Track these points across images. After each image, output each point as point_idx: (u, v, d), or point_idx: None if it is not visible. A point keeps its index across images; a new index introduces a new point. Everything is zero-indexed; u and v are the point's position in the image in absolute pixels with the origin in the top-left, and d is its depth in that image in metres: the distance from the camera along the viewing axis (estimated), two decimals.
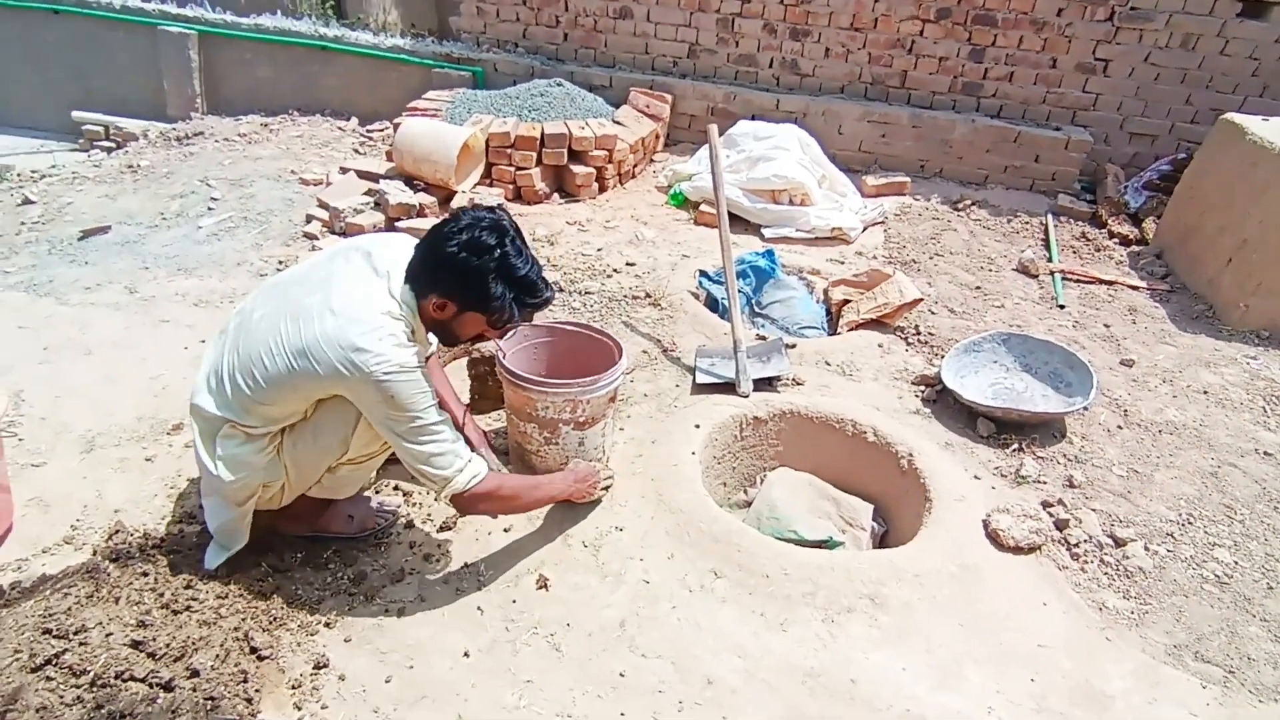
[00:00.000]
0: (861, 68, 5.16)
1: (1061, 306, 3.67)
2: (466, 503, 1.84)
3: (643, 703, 1.72)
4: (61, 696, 1.50)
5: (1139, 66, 4.79)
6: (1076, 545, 2.25)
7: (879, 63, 5.11)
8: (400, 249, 1.83)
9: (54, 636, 1.61)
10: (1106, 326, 3.52)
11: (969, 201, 4.75)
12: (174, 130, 5.37)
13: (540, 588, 1.97)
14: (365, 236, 1.95)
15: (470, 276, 1.70)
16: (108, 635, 1.62)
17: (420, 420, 1.71)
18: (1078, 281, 3.93)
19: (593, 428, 2.28)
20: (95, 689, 1.52)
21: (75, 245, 3.77)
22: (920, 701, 1.76)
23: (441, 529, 2.15)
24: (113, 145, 5.51)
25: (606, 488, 2.25)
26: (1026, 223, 4.56)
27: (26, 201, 4.33)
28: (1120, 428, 2.80)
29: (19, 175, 4.90)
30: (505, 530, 2.15)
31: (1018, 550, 2.21)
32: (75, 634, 1.61)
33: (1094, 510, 2.38)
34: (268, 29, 5.69)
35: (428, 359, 2.19)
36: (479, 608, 1.92)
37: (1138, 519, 2.37)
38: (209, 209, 4.18)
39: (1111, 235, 4.41)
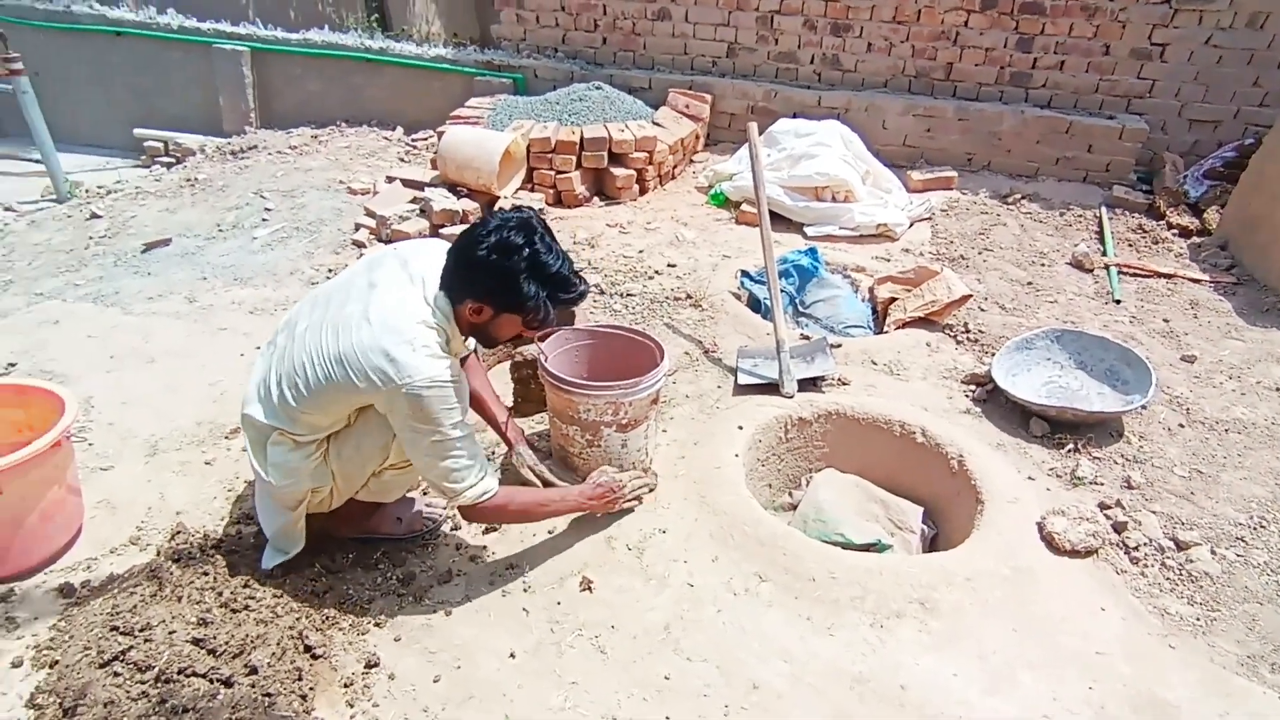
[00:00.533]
0: (905, 61, 5.06)
1: (1118, 301, 3.54)
2: (472, 514, 1.89)
3: (688, 706, 1.71)
4: (128, 691, 1.56)
5: (1199, 50, 4.60)
6: (1136, 548, 2.16)
7: (923, 55, 5.01)
8: (435, 255, 1.85)
9: (121, 633, 1.68)
10: (1166, 321, 3.38)
11: (1019, 195, 4.62)
12: (229, 144, 5.57)
13: (584, 590, 1.98)
14: (402, 243, 1.99)
15: (502, 278, 1.70)
16: (171, 633, 1.68)
17: (443, 435, 1.73)
18: (1134, 275, 3.79)
19: (635, 430, 2.28)
20: (159, 684, 1.58)
21: (139, 257, 3.93)
22: (972, 708, 1.72)
23: (486, 531, 2.18)
24: (172, 160, 5.74)
25: (637, 497, 2.22)
26: (1080, 216, 4.41)
27: (94, 216, 4.54)
28: (1182, 426, 2.68)
29: (87, 191, 5.14)
30: (550, 532, 2.16)
31: (1074, 553, 2.14)
32: (140, 631, 1.68)
33: (1154, 512, 2.29)
34: (316, 43, 5.86)
35: (465, 359, 2.23)
36: (524, 609, 1.94)
37: (1203, 521, 2.27)
38: (263, 220, 4.31)
39: (1170, 227, 4.24)
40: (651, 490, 2.29)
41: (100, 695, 1.55)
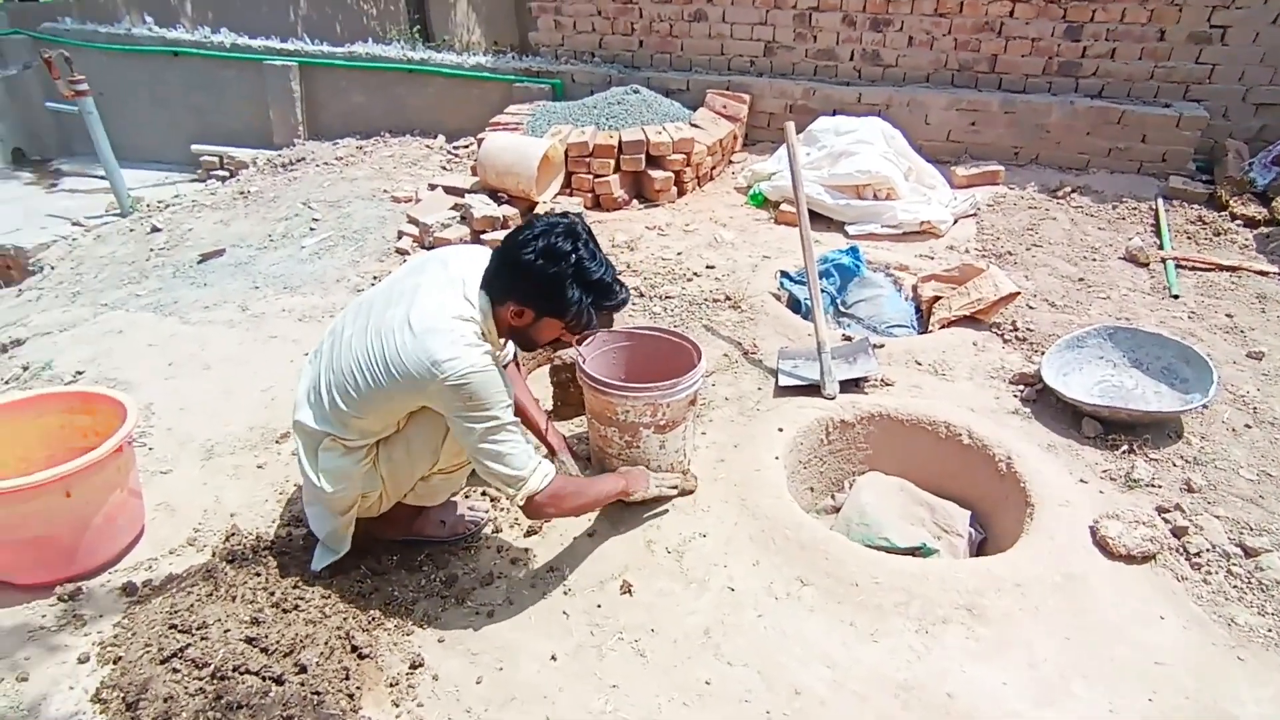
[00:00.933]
0: (947, 54, 4.96)
1: (1175, 296, 3.40)
2: (537, 507, 1.86)
3: (729, 711, 1.70)
4: (186, 687, 1.62)
5: (1265, 30, 4.39)
6: (1198, 555, 2.07)
7: (966, 48, 4.90)
8: (474, 257, 1.90)
9: (179, 631, 1.75)
10: (1229, 317, 3.23)
11: (1069, 188, 4.48)
12: (279, 157, 5.74)
13: (624, 593, 1.99)
14: (444, 248, 2.03)
15: (547, 283, 1.73)
16: (225, 631, 1.74)
17: (496, 420, 1.74)
18: (1194, 269, 3.64)
19: (673, 431, 2.28)
20: (215, 681, 1.64)
21: (195, 268, 4.08)
22: (1023, 718, 1.67)
23: (528, 534, 2.20)
24: (226, 174, 5.95)
25: (675, 485, 2.23)
26: (1134, 208, 4.25)
27: (154, 230, 4.74)
28: (1249, 427, 2.56)
29: (148, 206, 5.37)
30: (590, 535, 2.18)
31: (1129, 559, 2.06)
32: (197, 629, 1.75)
33: (1218, 517, 2.19)
34: (360, 56, 6.01)
35: (505, 366, 2.25)
36: (564, 612, 1.95)
37: (1273, 526, 2.16)
38: (311, 229, 4.44)
39: (1234, 217, 4.06)
40: (690, 493, 2.29)
41: (160, 691, 1.61)
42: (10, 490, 1.83)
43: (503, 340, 1.92)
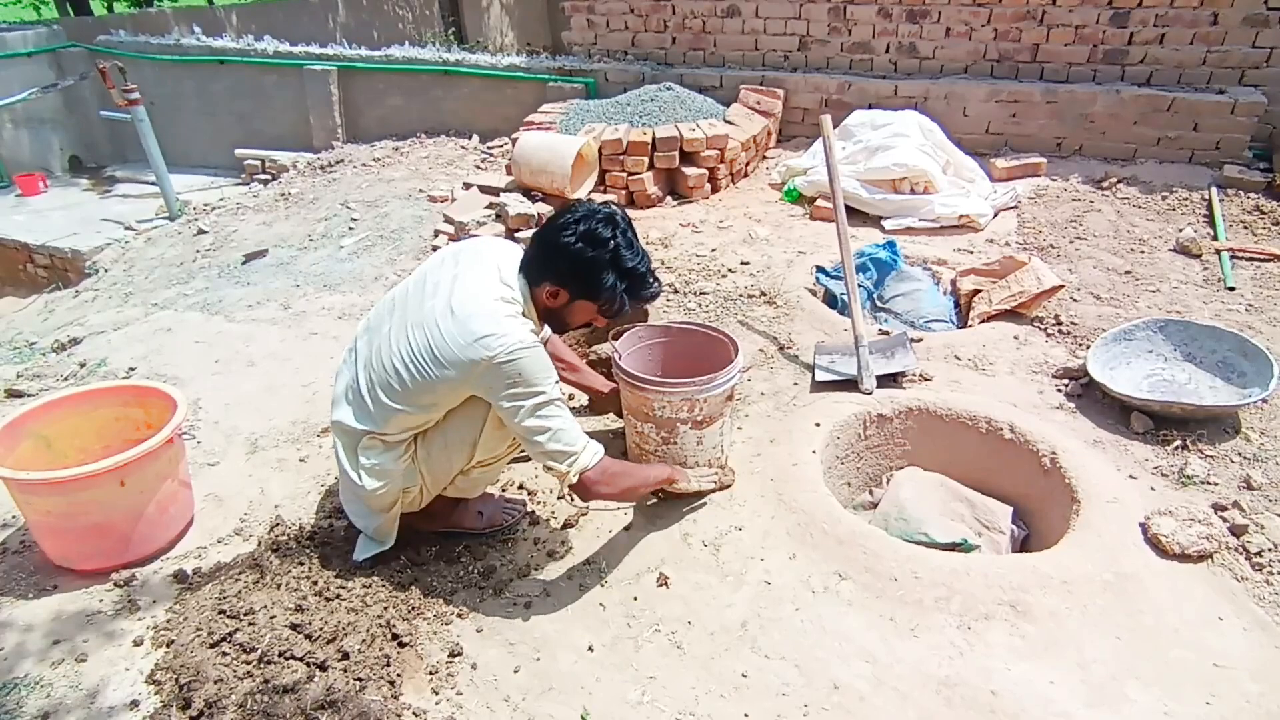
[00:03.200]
0: (986, 45, 4.86)
1: (1231, 289, 3.28)
2: (588, 484, 1.84)
3: (767, 705, 1.69)
4: (234, 670, 1.67)
5: None
6: (1259, 554, 1.99)
7: (1006, 37, 4.80)
8: (505, 246, 1.95)
9: (228, 617, 1.79)
10: None
11: (1115, 179, 4.35)
12: (319, 159, 5.87)
13: (661, 586, 1.99)
14: (471, 240, 2.06)
15: (585, 266, 1.77)
16: (271, 617, 1.78)
17: (545, 395, 1.75)
18: (1251, 260, 3.51)
19: (710, 427, 2.27)
20: (262, 665, 1.68)
21: (239, 268, 4.20)
22: (1073, 718, 1.62)
23: (564, 526, 2.21)
24: (268, 177, 6.10)
25: (715, 479, 2.23)
26: (1185, 198, 4.12)
27: (201, 232, 4.88)
28: None
29: (195, 209, 5.53)
30: (626, 529, 2.18)
31: (1184, 558, 1.99)
32: (245, 615, 1.79)
33: None
34: (397, 59, 6.11)
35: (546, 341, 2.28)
36: (601, 604, 1.96)
37: None
38: (349, 229, 4.53)
39: None
40: (727, 488, 2.27)
41: (211, 674, 1.66)
42: (69, 479, 1.91)
43: (540, 324, 1.94)
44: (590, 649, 1.83)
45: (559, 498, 2.32)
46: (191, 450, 2.57)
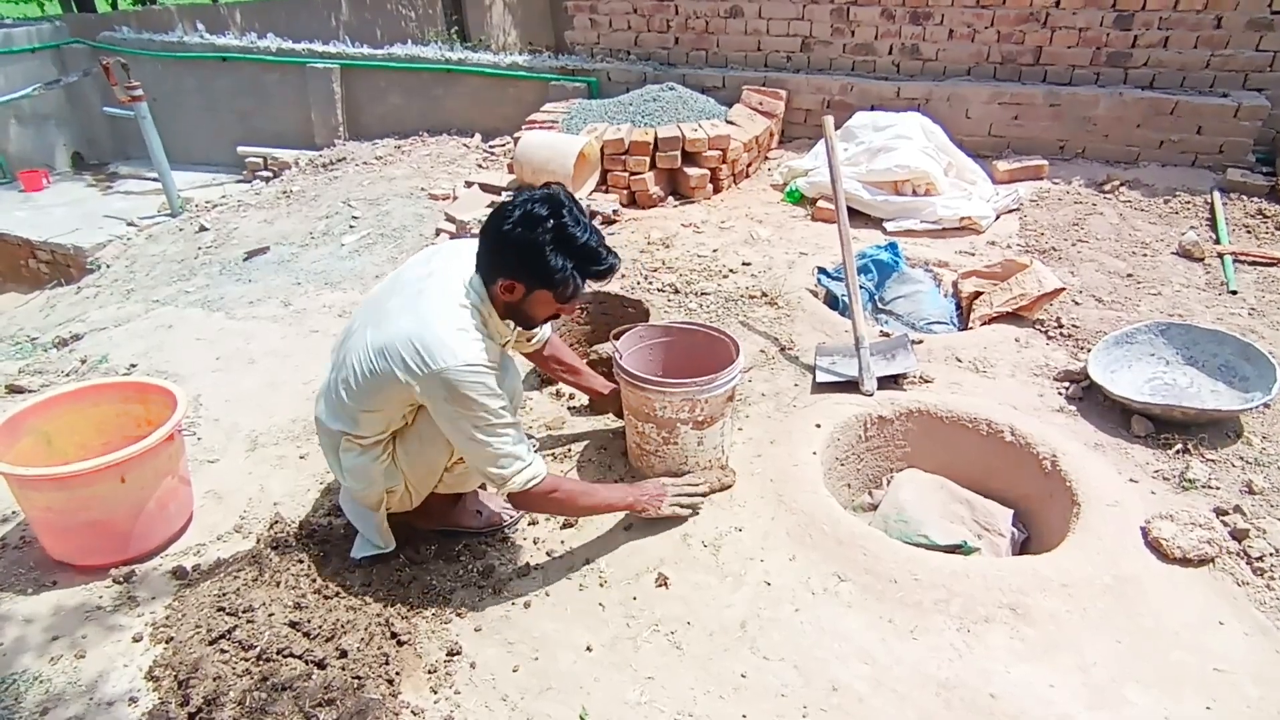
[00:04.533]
0: (989, 47, 4.85)
1: (1234, 292, 3.27)
2: (522, 500, 1.88)
3: (766, 706, 1.68)
4: (233, 667, 1.67)
5: None
6: (1260, 559, 1.99)
7: (1009, 40, 4.79)
8: (471, 246, 1.88)
9: (227, 614, 1.80)
10: None
11: (1117, 182, 4.35)
12: (320, 157, 5.87)
13: (660, 586, 1.98)
14: (443, 242, 2.04)
15: (527, 251, 1.70)
16: (270, 615, 1.78)
17: (485, 420, 1.73)
18: (1254, 264, 3.50)
19: (711, 427, 2.26)
20: (261, 662, 1.68)
21: (240, 265, 4.20)
22: None
23: (564, 526, 2.21)
24: (270, 175, 6.10)
25: (692, 507, 2.17)
26: (1188, 202, 4.11)
27: (202, 229, 4.88)
28: None
29: (196, 206, 5.54)
30: (626, 529, 2.18)
31: (1185, 562, 1.99)
32: (244, 613, 1.79)
33: None
34: (399, 57, 6.11)
35: (547, 342, 2.26)
36: (600, 604, 1.95)
37: None
38: (350, 227, 4.53)
39: None
40: (728, 488, 2.27)
41: (210, 670, 1.66)
42: (69, 475, 1.91)
43: (509, 323, 1.89)
44: (589, 649, 1.83)
45: (496, 493, 2.28)
46: (192, 447, 2.57)
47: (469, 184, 4.60)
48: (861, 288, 3.23)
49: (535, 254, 1.70)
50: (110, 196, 6.26)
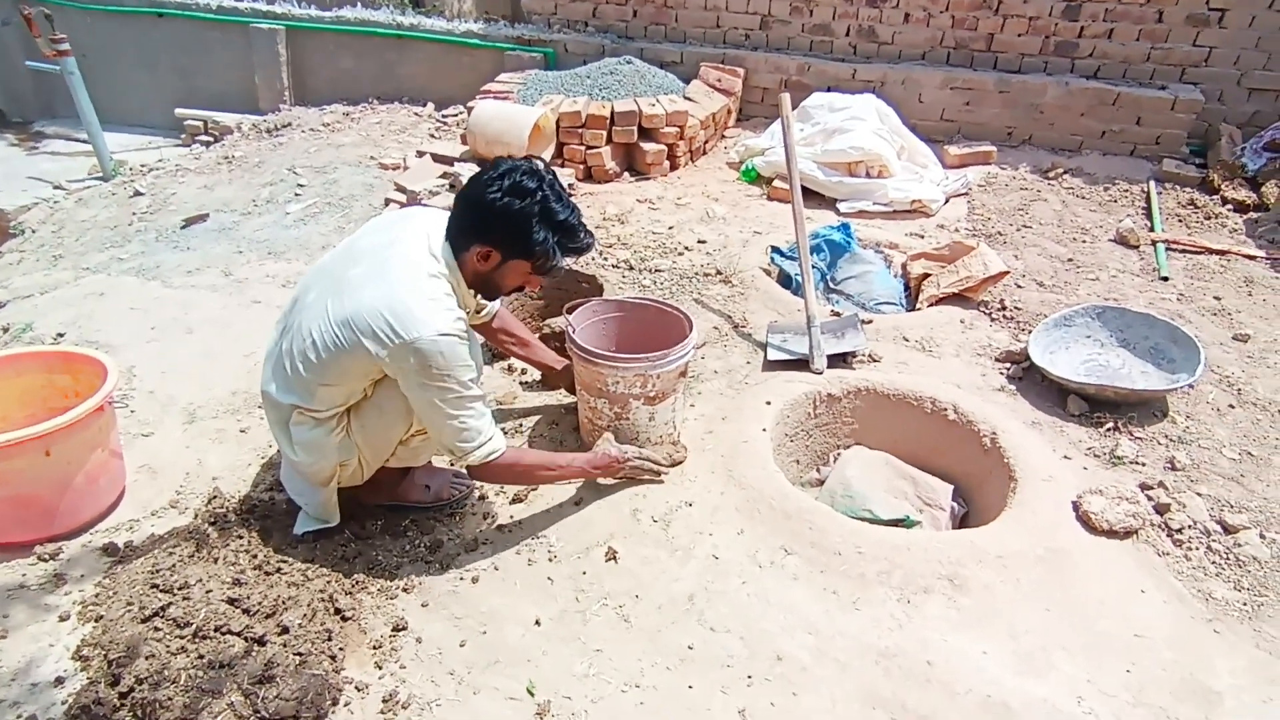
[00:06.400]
0: (943, 32, 4.91)
1: (1165, 279, 3.41)
2: (480, 473, 1.89)
3: (711, 676, 1.71)
4: (168, 646, 1.61)
5: (1262, 14, 4.38)
6: (1179, 530, 2.09)
7: (962, 25, 4.86)
8: (435, 214, 1.88)
9: (161, 591, 1.74)
10: (1217, 299, 3.26)
11: (1061, 169, 4.48)
12: (265, 122, 5.64)
13: (609, 560, 1.99)
14: (405, 209, 2.00)
15: (513, 221, 1.70)
16: (208, 591, 1.73)
17: (455, 392, 1.72)
18: (1184, 252, 3.65)
19: (663, 403, 2.27)
20: (197, 640, 1.63)
21: (178, 233, 4.02)
22: (1002, 687, 1.69)
23: (514, 501, 2.19)
24: (211, 139, 5.83)
25: (650, 471, 2.19)
26: (1126, 190, 4.26)
27: (137, 194, 4.65)
28: (1232, 407, 2.59)
29: (131, 170, 5.27)
30: (576, 504, 2.17)
31: (1112, 534, 2.08)
32: (179, 589, 1.73)
33: (1200, 494, 2.22)
34: (349, 20, 5.88)
35: (495, 314, 2.24)
36: (549, 578, 1.95)
37: (1252, 504, 2.19)
38: (296, 195, 4.37)
39: (1225, 201, 4.07)
40: (679, 464, 2.28)
41: (142, 650, 1.60)
42: None
43: (473, 292, 1.89)
44: (537, 622, 1.83)
45: (451, 464, 2.27)
46: (125, 420, 2.47)
47: (420, 154, 4.48)
48: (814, 267, 3.27)
49: (521, 224, 1.71)
50: (35, 157, 5.91)
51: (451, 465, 2.18)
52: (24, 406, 2.15)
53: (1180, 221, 3.95)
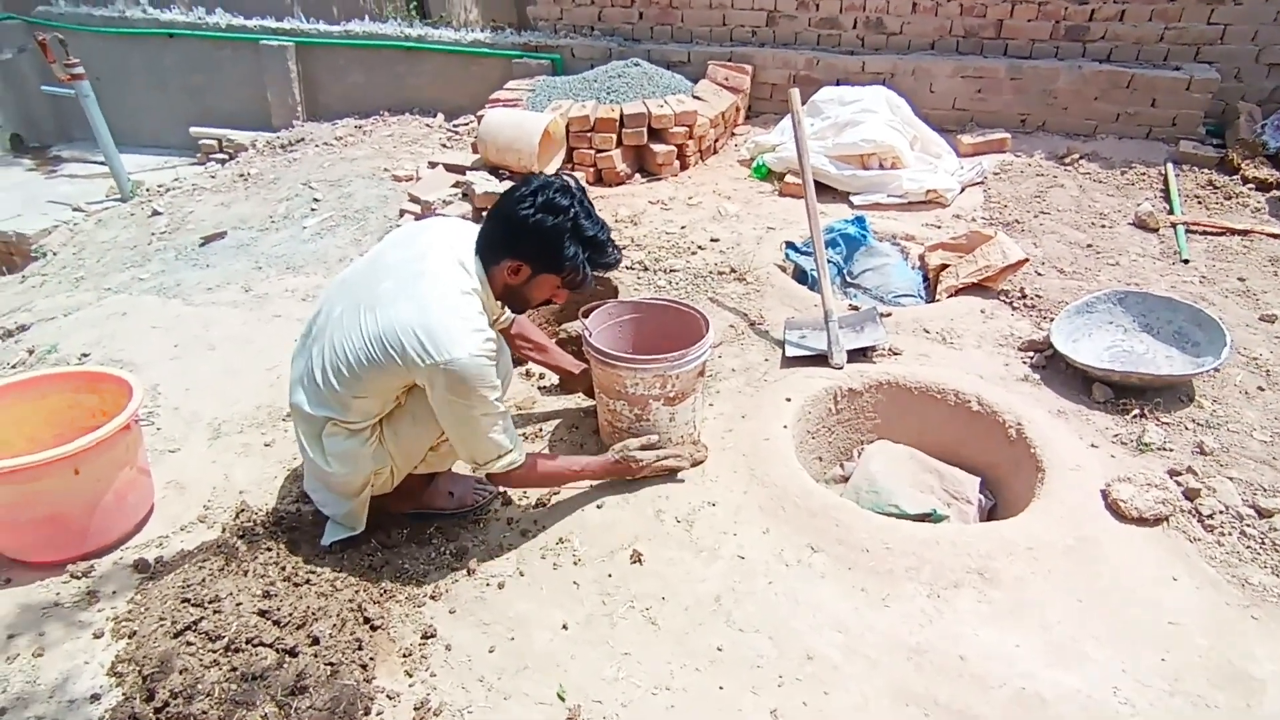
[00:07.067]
0: (952, 20, 4.87)
1: (1186, 261, 3.36)
2: (501, 480, 1.96)
3: (742, 677, 1.70)
4: (200, 659, 1.63)
5: None
6: (1211, 516, 2.06)
7: (972, 13, 4.81)
8: (461, 226, 1.92)
9: (192, 605, 1.75)
10: (1241, 280, 3.20)
11: (1077, 155, 4.42)
12: (278, 138, 5.70)
13: (634, 562, 1.99)
14: (426, 220, 2.03)
15: (546, 237, 1.75)
16: (238, 604, 1.75)
17: (484, 409, 1.77)
18: (1204, 233, 3.59)
19: (683, 403, 2.26)
20: (229, 653, 1.64)
21: (197, 250, 4.07)
22: (1036, 679, 1.67)
23: (537, 505, 2.20)
24: (226, 157, 5.91)
25: (669, 469, 2.20)
26: (1143, 174, 4.20)
27: (155, 214, 4.72)
28: (1261, 389, 2.54)
29: (148, 190, 5.35)
30: (598, 507, 2.17)
31: (1141, 521, 2.05)
32: (210, 603, 1.75)
33: (1231, 479, 2.18)
34: (357, 34, 5.93)
35: (511, 322, 2.26)
36: (575, 582, 1.95)
37: None
38: (312, 210, 4.41)
39: (1245, 181, 4.00)
40: (700, 463, 2.27)
41: (176, 664, 1.62)
42: (18, 469, 1.84)
43: (500, 304, 1.93)
44: (565, 627, 1.83)
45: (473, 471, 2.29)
46: (151, 437, 2.50)
47: (433, 164, 4.51)
48: (830, 262, 3.25)
49: (552, 240, 1.75)
50: (54, 180, 6.01)
51: (474, 473, 2.19)
52: (52, 427, 2.18)
53: (1200, 203, 3.88)
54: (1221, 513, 2.07)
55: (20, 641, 1.80)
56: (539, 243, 1.76)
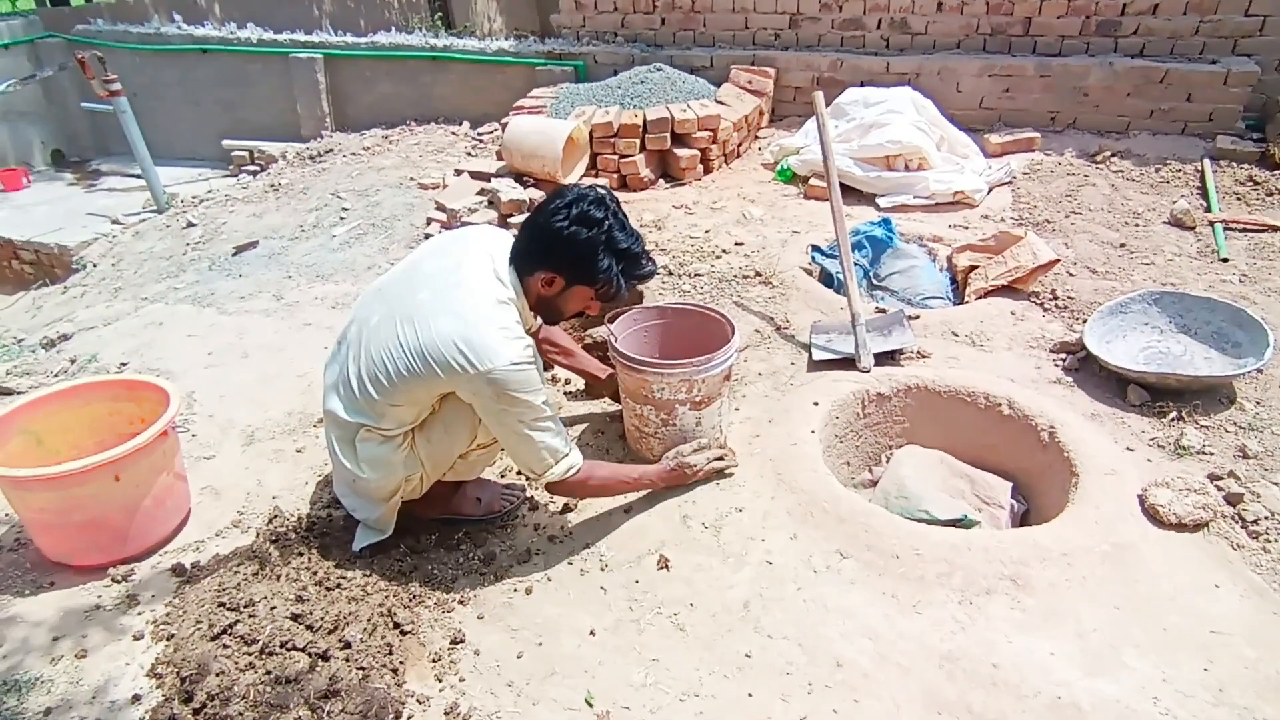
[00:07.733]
0: (979, 19, 4.81)
1: (1225, 260, 3.28)
2: (559, 488, 1.96)
3: (771, 684, 1.69)
4: (236, 662, 1.66)
5: None
6: (1255, 522, 2.00)
7: (998, 11, 4.75)
8: (496, 235, 1.92)
9: (228, 609, 1.79)
10: None
11: (1109, 152, 4.34)
12: (308, 149, 5.80)
13: (662, 568, 1.98)
14: (461, 229, 2.05)
15: (580, 250, 1.76)
16: (272, 609, 1.77)
17: (529, 414, 1.77)
18: (1244, 231, 3.50)
19: (709, 407, 2.26)
20: (264, 656, 1.67)
21: (230, 260, 4.15)
22: (1072, 688, 1.63)
23: (564, 510, 2.21)
24: (257, 168, 6.03)
25: (718, 471, 2.22)
26: (1179, 171, 4.10)
27: (189, 225, 4.83)
28: None
29: (183, 202, 5.47)
30: (625, 511, 2.17)
31: (1181, 527, 2.00)
32: (245, 607, 1.78)
33: (1276, 484, 2.11)
34: (384, 45, 6.03)
35: (537, 331, 2.27)
36: (602, 587, 1.95)
37: None
38: (340, 219, 4.48)
39: None
40: (730, 472, 2.26)
41: (213, 666, 1.65)
42: (62, 475, 1.89)
43: (534, 315, 1.94)
44: (592, 632, 1.83)
45: (532, 486, 2.32)
46: (186, 443, 2.55)
47: (458, 172, 4.56)
48: (856, 264, 3.23)
49: (586, 253, 1.76)
50: (93, 194, 6.18)
51: (530, 482, 2.26)
52: (93, 434, 2.24)
53: (1239, 200, 3.79)
54: (1267, 518, 2.01)
55: (64, 644, 1.85)
56: (573, 255, 1.77)
